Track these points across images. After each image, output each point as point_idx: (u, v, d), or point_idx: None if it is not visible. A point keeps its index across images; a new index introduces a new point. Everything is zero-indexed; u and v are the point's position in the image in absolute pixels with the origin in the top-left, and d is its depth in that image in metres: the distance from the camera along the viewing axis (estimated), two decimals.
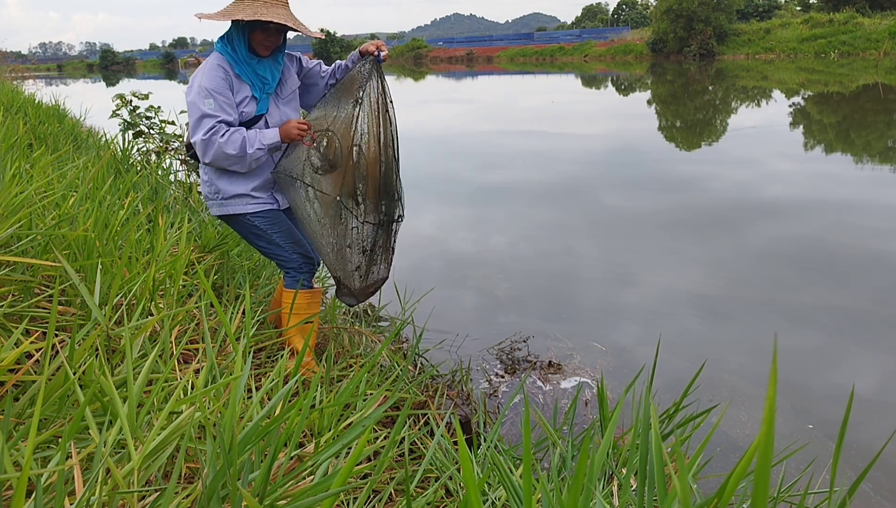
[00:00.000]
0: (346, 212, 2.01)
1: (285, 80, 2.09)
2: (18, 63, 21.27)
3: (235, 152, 1.90)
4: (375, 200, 2.02)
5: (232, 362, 1.43)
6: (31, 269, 1.56)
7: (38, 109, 5.94)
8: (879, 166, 6.83)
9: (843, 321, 3.08)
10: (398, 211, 2.07)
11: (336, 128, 2.00)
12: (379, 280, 2.13)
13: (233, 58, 1.95)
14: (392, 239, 2.10)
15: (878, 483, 1.88)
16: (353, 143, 1.95)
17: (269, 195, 2.08)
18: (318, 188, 2.03)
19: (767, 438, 0.38)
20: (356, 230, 2.04)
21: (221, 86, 1.91)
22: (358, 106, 1.95)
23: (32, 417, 0.80)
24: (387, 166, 1.99)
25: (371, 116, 1.95)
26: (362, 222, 2.02)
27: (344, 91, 2.02)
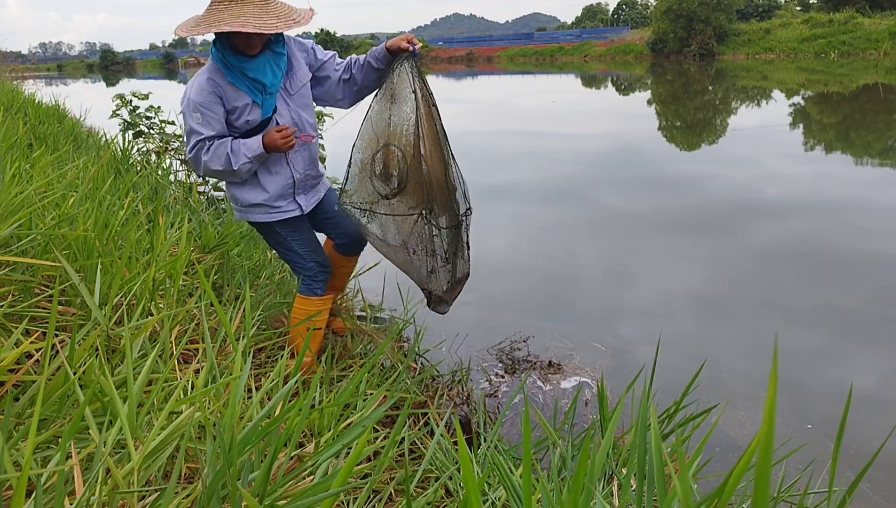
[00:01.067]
0: (428, 225, 1.91)
1: (293, 74, 1.92)
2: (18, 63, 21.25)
3: (222, 168, 1.83)
4: (447, 202, 1.91)
5: (232, 362, 1.43)
6: (31, 269, 1.56)
7: (37, 109, 5.94)
8: (879, 166, 6.83)
9: (843, 321, 3.08)
10: (466, 205, 1.97)
11: (396, 141, 1.84)
12: (463, 277, 2.06)
13: (223, 63, 1.82)
14: (467, 234, 2.01)
15: (877, 482, 1.88)
16: (415, 148, 1.80)
17: (289, 202, 1.98)
18: (395, 212, 1.90)
19: (768, 437, 0.38)
20: (437, 239, 1.94)
21: (209, 100, 1.81)
22: (416, 111, 1.79)
23: (32, 417, 0.80)
24: (450, 160, 1.88)
25: (426, 117, 1.81)
26: (442, 228, 1.92)
27: (389, 98, 1.84)
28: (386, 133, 1.85)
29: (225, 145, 1.82)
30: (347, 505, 1.21)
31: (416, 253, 1.95)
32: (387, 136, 1.85)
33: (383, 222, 1.95)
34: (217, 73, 1.84)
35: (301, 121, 1.93)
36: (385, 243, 1.97)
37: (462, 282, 2.06)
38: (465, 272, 2.04)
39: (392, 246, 1.97)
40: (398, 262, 2.01)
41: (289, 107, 1.91)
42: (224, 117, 1.84)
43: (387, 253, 2.01)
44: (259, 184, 1.93)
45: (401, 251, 1.96)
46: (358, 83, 1.95)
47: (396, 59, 1.84)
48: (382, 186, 1.88)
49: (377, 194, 1.89)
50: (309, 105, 1.98)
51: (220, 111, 1.83)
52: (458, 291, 2.07)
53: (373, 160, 1.88)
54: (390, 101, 1.84)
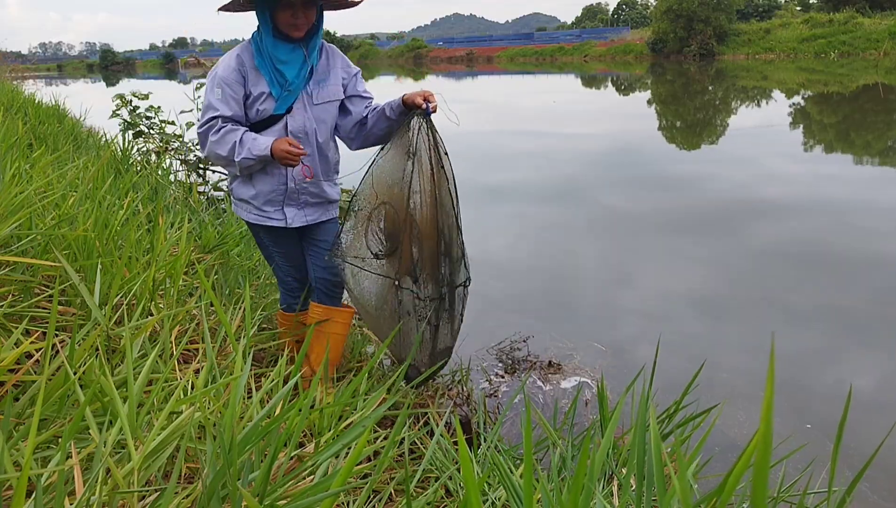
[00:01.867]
0: (406, 293, 1.79)
1: (324, 84, 1.82)
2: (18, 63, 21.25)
3: (225, 155, 1.73)
4: (434, 269, 1.79)
5: (232, 362, 1.43)
6: (31, 269, 1.56)
7: (37, 109, 5.95)
8: (879, 166, 6.83)
9: (842, 322, 3.08)
10: (463, 275, 1.85)
11: (391, 199, 1.76)
12: (445, 350, 1.91)
13: (257, 46, 1.74)
14: (459, 306, 1.87)
15: (876, 482, 1.88)
16: (407, 211, 1.72)
17: (277, 211, 1.86)
18: (382, 273, 1.82)
19: (766, 437, 0.38)
20: (418, 309, 1.82)
21: (232, 77, 1.73)
22: (412, 167, 1.71)
23: (32, 417, 0.81)
24: (447, 229, 1.77)
25: (423, 175, 1.72)
26: (424, 298, 1.80)
27: (393, 154, 1.76)
28: (385, 191, 1.77)
29: (236, 133, 1.73)
30: (347, 505, 1.21)
31: (393, 322, 1.84)
32: (386, 194, 1.77)
33: (365, 284, 1.85)
34: (247, 52, 1.77)
35: (313, 133, 1.82)
36: (362, 306, 1.88)
37: (444, 354, 1.93)
38: (447, 345, 1.91)
39: (367, 310, 1.87)
40: (374, 326, 1.92)
41: (305, 114, 1.81)
42: (243, 99, 1.76)
43: (364, 316, 1.92)
44: (250, 180, 1.85)
45: (379, 320, 1.86)
46: (367, 128, 1.87)
47: (410, 115, 1.75)
48: (375, 244, 1.81)
49: (368, 252, 1.82)
50: (328, 123, 1.86)
51: (241, 92, 1.75)
52: (437, 363, 1.92)
53: (369, 217, 1.79)
54: (394, 157, 1.76)
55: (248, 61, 1.75)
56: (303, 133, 1.80)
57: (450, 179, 1.74)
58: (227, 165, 1.80)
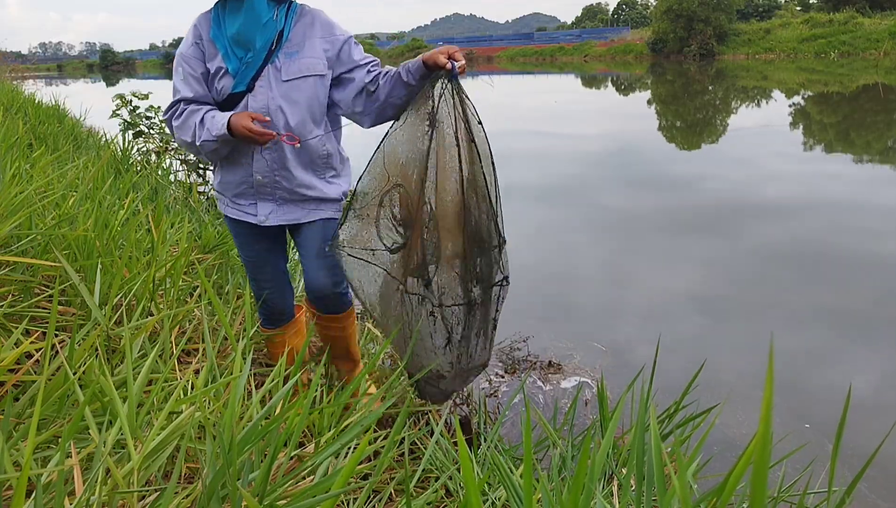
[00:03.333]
0: (414, 299, 1.50)
1: (296, 50, 1.51)
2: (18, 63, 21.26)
3: (189, 140, 1.50)
4: (459, 266, 1.49)
5: (232, 362, 1.43)
6: (31, 269, 1.56)
7: (37, 109, 5.95)
8: (879, 166, 6.83)
9: (841, 322, 3.08)
10: (499, 272, 1.56)
11: (406, 181, 1.45)
12: (476, 367, 1.62)
13: (216, 13, 1.51)
14: (493, 310, 1.57)
15: (874, 482, 1.88)
16: (421, 196, 1.41)
17: (250, 204, 1.60)
18: (389, 271, 1.54)
19: (765, 437, 0.38)
20: (434, 320, 1.52)
21: (189, 53, 1.52)
22: (429, 141, 1.39)
23: (32, 417, 0.81)
24: (477, 216, 1.47)
25: (446, 151, 1.41)
26: (441, 304, 1.51)
27: (407, 126, 1.45)
28: (398, 170, 1.45)
29: (197, 114, 1.49)
30: (347, 505, 1.21)
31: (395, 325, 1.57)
32: (399, 174, 1.46)
33: (371, 288, 1.56)
34: (205, 22, 1.52)
35: (279, 115, 1.51)
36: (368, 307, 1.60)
37: (475, 372, 1.64)
38: (480, 362, 1.60)
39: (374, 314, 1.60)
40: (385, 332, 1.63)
41: (271, 92, 1.50)
42: (204, 77, 1.52)
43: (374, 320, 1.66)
44: (220, 165, 1.61)
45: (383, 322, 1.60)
46: (381, 98, 1.52)
47: (432, 77, 1.42)
48: (388, 235, 1.50)
49: (380, 243, 1.52)
50: (303, 102, 1.53)
51: (200, 69, 1.52)
52: (466, 382, 1.66)
53: (380, 202, 1.49)
54: (410, 130, 1.44)
55: (204, 32, 1.52)
56: (267, 115, 1.50)
57: (483, 156, 1.42)
58: (197, 153, 1.56)
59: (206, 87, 1.54)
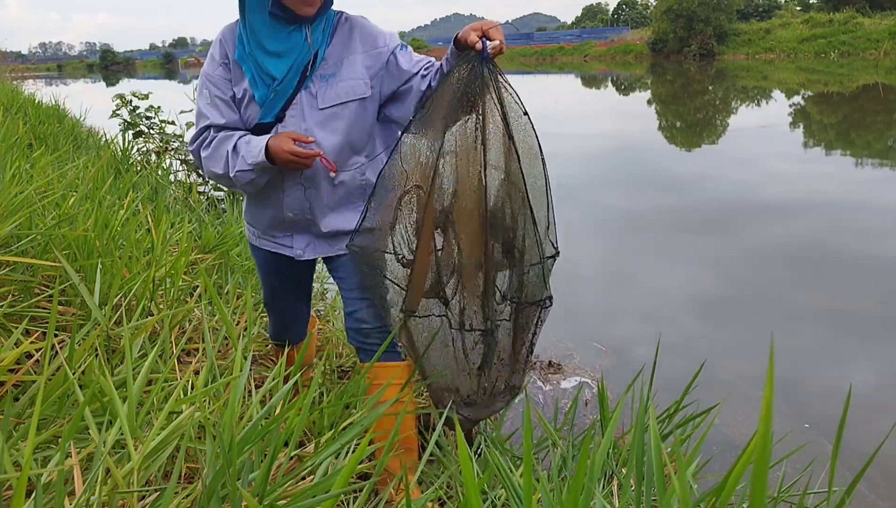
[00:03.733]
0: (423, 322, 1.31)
1: (333, 72, 1.31)
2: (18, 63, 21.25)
3: (222, 172, 1.33)
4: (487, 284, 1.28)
5: (232, 362, 1.43)
6: (31, 269, 1.56)
7: (37, 109, 5.95)
8: (879, 166, 6.83)
9: (841, 322, 3.08)
10: (542, 290, 1.34)
11: (425, 181, 1.26)
12: (509, 389, 1.42)
13: (242, 29, 1.30)
14: (531, 331, 1.36)
15: (873, 482, 1.88)
16: (429, 199, 1.23)
17: (284, 236, 1.44)
18: (403, 287, 1.33)
19: (765, 437, 0.38)
20: (455, 343, 1.32)
21: (216, 74, 1.32)
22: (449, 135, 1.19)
23: (32, 417, 0.81)
24: (512, 225, 1.28)
25: (471, 148, 1.20)
26: (458, 327, 1.31)
27: (430, 117, 1.24)
28: (417, 170, 1.25)
29: (228, 141, 1.31)
30: (347, 505, 1.21)
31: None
32: (418, 174, 1.25)
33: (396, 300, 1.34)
34: (230, 37, 1.33)
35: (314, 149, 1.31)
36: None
37: (509, 395, 1.44)
38: (512, 386, 1.40)
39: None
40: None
41: (304, 122, 1.31)
42: (233, 100, 1.34)
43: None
44: (248, 198, 1.46)
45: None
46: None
47: (460, 59, 1.22)
48: (402, 245, 1.30)
49: (393, 255, 1.31)
50: (340, 133, 1.33)
51: (229, 91, 1.33)
52: (494, 408, 1.47)
53: (398, 205, 1.27)
54: (431, 122, 1.24)
55: (230, 50, 1.33)
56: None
57: (525, 154, 1.22)
58: (231, 185, 1.38)
59: (236, 109, 1.34)
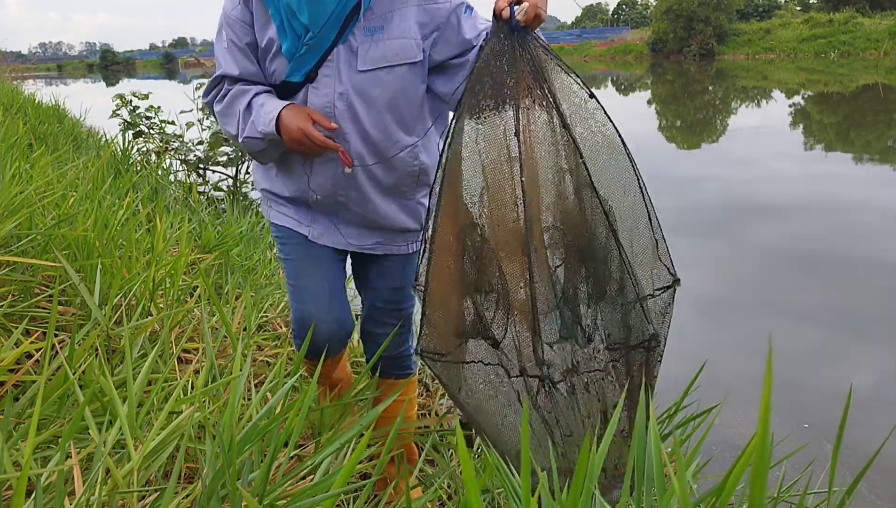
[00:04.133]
0: (484, 371, 0.98)
1: (381, 25, 1.07)
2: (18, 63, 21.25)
3: (235, 132, 1.13)
4: (532, 316, 0.95)
5: (232, 361, 1.43)
6: (31, 269, 1.56)
7: (37, 109, 5.95)
8: (879, 166, 6.83)
9: (841, 322, 3.08)
10: (640, 327, 0.98)
11: (480, 214, 0.96)
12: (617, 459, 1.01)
13: None
14: (634, 378, 0.99)
15: (873, 482, 1.88)
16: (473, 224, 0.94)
17: (303, 212, 1.20)
18: (497, 362, 1.02)
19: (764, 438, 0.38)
20: (513, 395, 0.98)
21: (234, 14, 1.10)
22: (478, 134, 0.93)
23: (32, 417, 0.81)
24: (585, 247, 0.96)
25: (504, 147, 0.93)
26: (518, 375, 0.97)
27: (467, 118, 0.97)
28: (467, 195, 0.96)
29: (243, 98, 1.11)
30: (347, 505, 1.21)
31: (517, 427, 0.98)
32: (468, 201, 0.96)
33: (480, 386, 0.99)
34: None
35: (349, 119, 1.09)
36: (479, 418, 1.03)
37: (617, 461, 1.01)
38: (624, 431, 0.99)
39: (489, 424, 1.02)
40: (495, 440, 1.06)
41: (340, 84, 1.07)
42: (254, 49, 1.12)
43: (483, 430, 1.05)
44: (267, 169, 1.23)
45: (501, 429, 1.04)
46: None
47: (490, 35, 0.98)
48: (478, 313, 0.96)
49: (473, 331, 0.97)
50: (383, 103, 1.10)
51: (248, 38, 1.10)
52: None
53: (457, 251, 0.95)
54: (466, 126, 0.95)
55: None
56: (332, 119, 1.08)
57: (582, 146, 0.94)
58: (240, 144, 1.17)
59: (255, 60, 1.12)
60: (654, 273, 1.04)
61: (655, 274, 1.04)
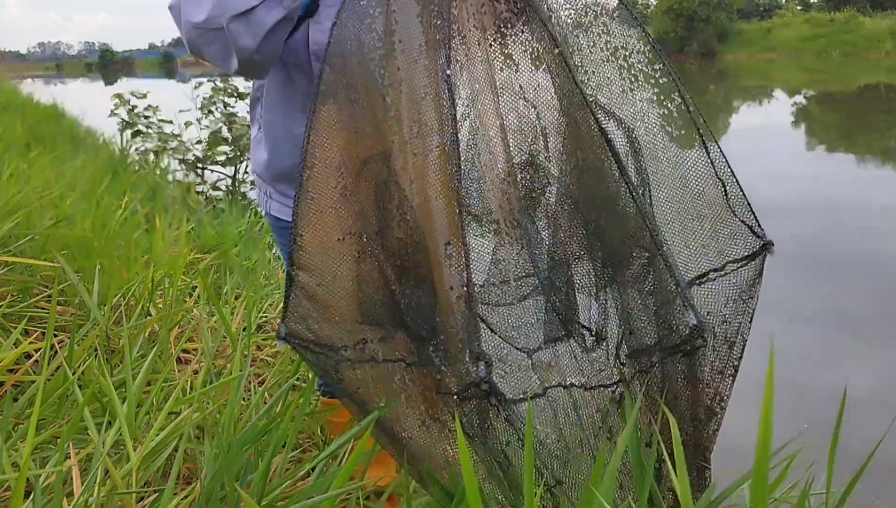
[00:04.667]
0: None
1: None
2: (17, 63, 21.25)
3: (210, 14, 0.81)
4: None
5: (231, 362, 1.42)
6: (29, 269, 1.56)
7: (35, 109, 5.95)
8: (881, 166, 6.83)
9: (841, 322, 3.08)
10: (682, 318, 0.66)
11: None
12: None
13: None
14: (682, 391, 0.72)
15: (872, 482, 1.88)
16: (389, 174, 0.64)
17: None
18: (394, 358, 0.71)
19: (764, 438, 0.38)
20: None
21: None
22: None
23: (31, 417, 0.80)
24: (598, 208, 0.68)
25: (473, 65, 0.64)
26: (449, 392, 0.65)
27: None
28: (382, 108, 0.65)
29: None
30: (347, 505, 1.21)
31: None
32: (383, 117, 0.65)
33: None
34: None
35: None
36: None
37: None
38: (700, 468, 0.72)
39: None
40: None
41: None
42: None
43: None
44: (265, 140, 1.05)
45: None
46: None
47: None
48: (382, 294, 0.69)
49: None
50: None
51: None
52: None
53: (369, 191, 0.68)
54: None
55: None
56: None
57: (575, 79, 0.65)
58: (224, 49, 0.85)
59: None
60: (723, 235, 0.68)
61: (727, 236, 0.68)
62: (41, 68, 60.87)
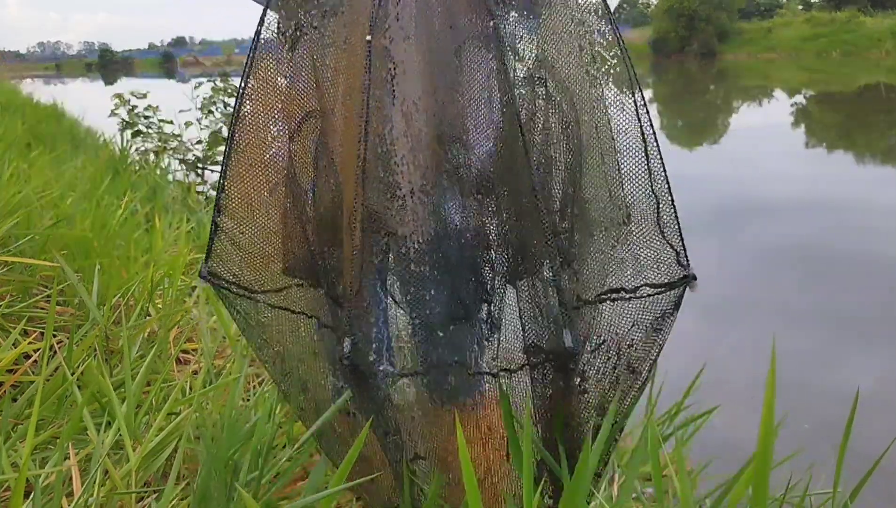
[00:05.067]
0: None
1: None
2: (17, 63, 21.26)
3: None
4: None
5: (231, 362, 1.42)
6: (28, 269, 1.56)
7: (36, 109, 5.95)
8: (881, 166, 6.83)
9: (842, 322, 3.08)
10: (557, 333, 0.58)
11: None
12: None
13: None
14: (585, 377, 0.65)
15: (872, 482, 1.88)
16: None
17: None
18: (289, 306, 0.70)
19: (765, 438, 0.38)
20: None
21: None
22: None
23: (30, 418, 0.80)
24: (526, 176, 0.58)
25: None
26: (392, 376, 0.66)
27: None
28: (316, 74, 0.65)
29: None
30: (347, 505, 1.21)
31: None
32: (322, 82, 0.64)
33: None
34: None
35: None
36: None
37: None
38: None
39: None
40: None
41: None
42: None
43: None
44: None
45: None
46: None
47: None
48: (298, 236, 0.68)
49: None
50: None
51: None
52: None
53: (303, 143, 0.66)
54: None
55: None
56: None
57: (504, 55, 0.58)
58: None
59: None
60: (644, 255, 0.63)
61: (649, 258, 0.63)
62: (41, 68, 60.83)
